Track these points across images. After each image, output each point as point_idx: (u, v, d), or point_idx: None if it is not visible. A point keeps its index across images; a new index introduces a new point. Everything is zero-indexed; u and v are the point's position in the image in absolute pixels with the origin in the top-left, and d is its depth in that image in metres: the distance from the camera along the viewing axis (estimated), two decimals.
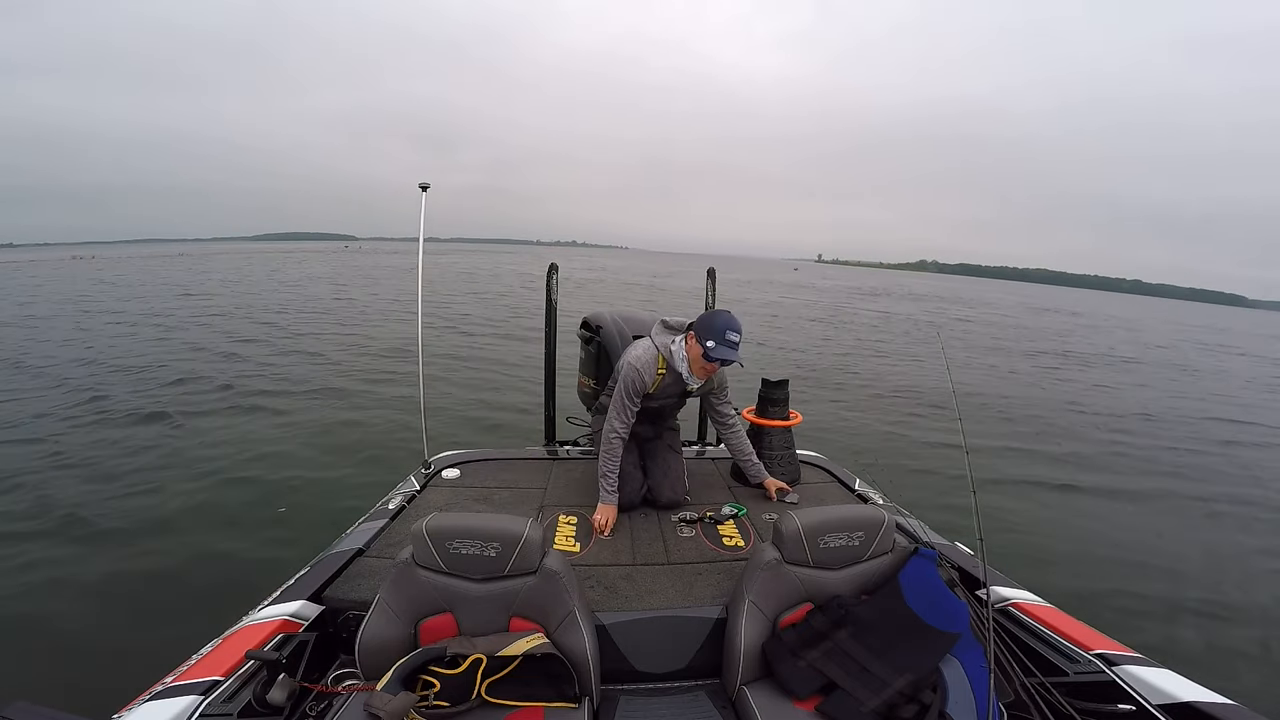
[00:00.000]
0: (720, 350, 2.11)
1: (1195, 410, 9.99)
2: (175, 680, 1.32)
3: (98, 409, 6.72)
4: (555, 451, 3.08)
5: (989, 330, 21.80)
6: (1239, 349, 24.36)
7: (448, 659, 1.44)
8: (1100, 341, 20.96)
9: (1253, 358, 21.01)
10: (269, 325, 13.36)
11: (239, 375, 8.51)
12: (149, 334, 11.93)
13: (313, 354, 10.28)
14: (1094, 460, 6.65)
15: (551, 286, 3.17)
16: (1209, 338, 29.88)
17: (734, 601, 1.64)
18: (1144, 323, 37.77)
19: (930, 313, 28.12)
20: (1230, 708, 1.27)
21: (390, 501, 2.40)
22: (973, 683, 1.47)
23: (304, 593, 1.70)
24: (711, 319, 2.16)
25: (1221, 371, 16.13)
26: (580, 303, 21.31)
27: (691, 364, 2.25)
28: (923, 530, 2.10)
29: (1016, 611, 1.70)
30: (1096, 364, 14.83)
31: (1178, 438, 8.01)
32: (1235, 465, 6.97)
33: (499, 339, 12.60)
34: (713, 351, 2.12)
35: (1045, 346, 17.58)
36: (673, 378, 2.33)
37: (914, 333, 18.59)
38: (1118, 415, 8.98)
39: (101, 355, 9.76)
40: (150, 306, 16.71)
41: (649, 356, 2.28)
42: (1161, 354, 19.20)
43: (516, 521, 1.55)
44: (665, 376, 2.31)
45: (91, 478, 4.83)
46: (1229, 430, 8.70)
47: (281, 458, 5.40)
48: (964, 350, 14.98)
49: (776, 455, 2.71)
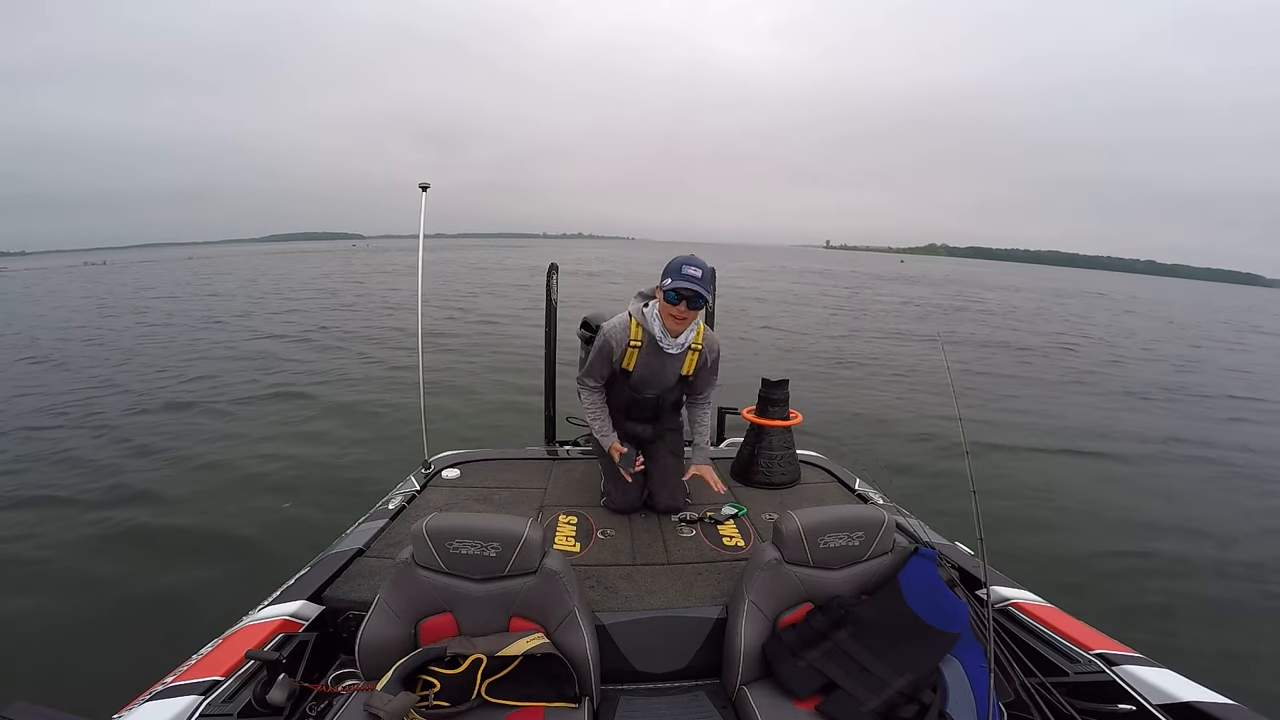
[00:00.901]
0: (679, 281, 1.98)
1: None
2: (175, 680, 1.32)
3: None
4: (555, 451, 3.08)
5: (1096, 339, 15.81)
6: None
7: (448, 659, 1.44)
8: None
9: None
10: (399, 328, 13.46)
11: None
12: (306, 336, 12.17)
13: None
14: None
15: (551, 286, 3.17)
16: (1255, 320, 28.21)
17: (734, 601, 1.64)
18: (1181, 307, 35.43)
19: (995, 301, 25.75)
20: (1230, 708, 1.27)
21: (390, 501, 2.41)
22: (973, 683, 1.47)
23: (304, 593, 1.70)
24: (669, 263, 2.06)
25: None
26: (594, 288, 20.89)
27: (662, 317, 2.11)
28: (923, 530, 2.10)
29: (1016, 611, 1.70)
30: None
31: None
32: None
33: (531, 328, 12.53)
34: (670, 286, 2.00)
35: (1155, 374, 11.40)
36: (651, 349, 2.19)
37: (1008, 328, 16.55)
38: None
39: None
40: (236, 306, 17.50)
41: (621, 322, 2.20)
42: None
43: (516, 521, 1.55)
44: (642, 346, 2.19)
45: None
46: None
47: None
48: (1098, 394, 9.28)
49: (776, 455, 2.71)
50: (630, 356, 2.21)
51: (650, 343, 2.19)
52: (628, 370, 2.24)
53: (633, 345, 2.19)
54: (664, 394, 2.34)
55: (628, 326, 2.20)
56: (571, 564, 1.67)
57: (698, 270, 2.01)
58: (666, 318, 2.10)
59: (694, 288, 1.99)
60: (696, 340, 2.24)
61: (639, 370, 2.24)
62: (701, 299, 2.03)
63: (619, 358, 2.21)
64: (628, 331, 2.19)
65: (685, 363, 2.26)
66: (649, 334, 2.17)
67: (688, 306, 2.04)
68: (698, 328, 2.23)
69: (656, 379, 2.28)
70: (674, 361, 2.24)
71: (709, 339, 2.27)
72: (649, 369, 2.24)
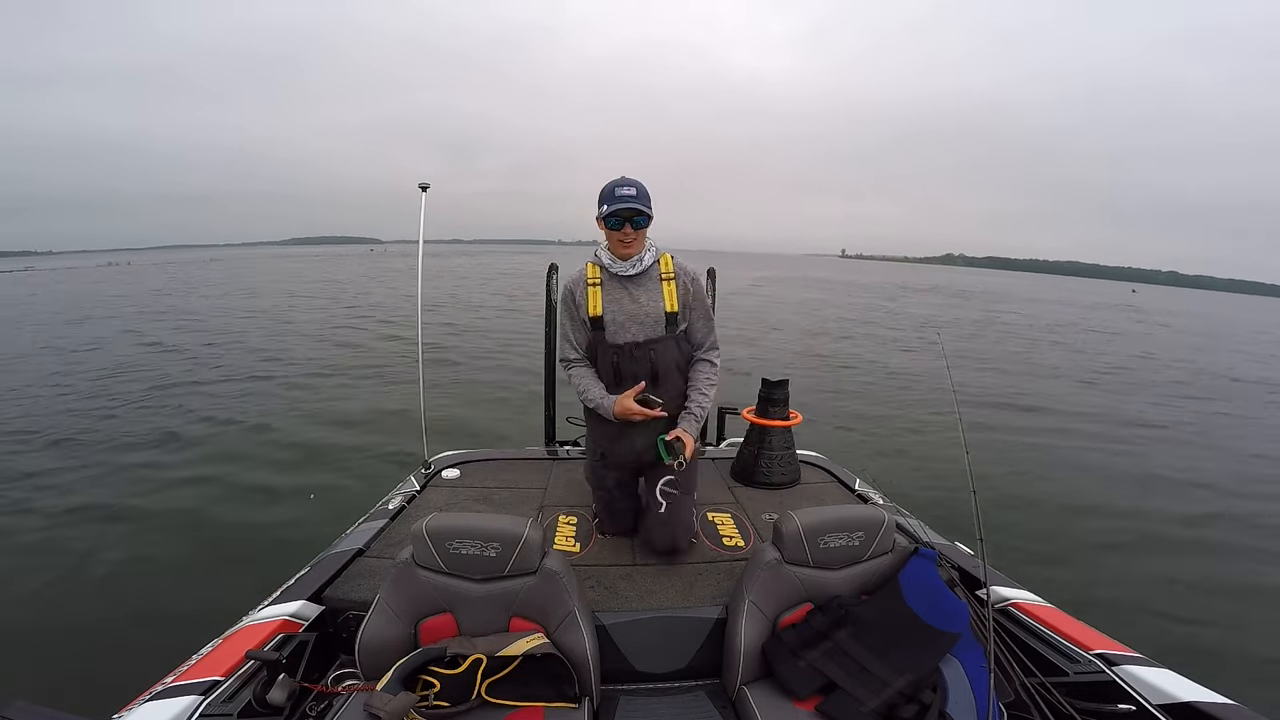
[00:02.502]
0: (615, 205, 1.85)
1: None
2: (175, 680, 1.32)
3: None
4: (555, 452, 3.08)
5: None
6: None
7: (448, 659, 1.44)
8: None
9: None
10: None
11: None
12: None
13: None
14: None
15: (551, 287, 3.18)
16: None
17: (734, 601, 1.64)
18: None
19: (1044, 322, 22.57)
20: (1230, 708, 1.27)
21: (390, 501, 2.41)
22: (973, 683, 1.47)
23: (304, 593, 1.70)
24: (600, 192, 1.92)
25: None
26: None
27: (609, 244, 1.96)
28: (923, 530, 2.10)
29: (1016, 611, 1.70)
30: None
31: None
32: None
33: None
34: (607, 212, 1.86)
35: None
36: (611, 281, 1.99)
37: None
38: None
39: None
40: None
41: (578, 270, 2.05)
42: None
43: (516, 522, 1.55)
44: (602, 282, 1.99)
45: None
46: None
47: None
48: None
49: (776, 455, 2.71)
50: (594, 299, 1.98)
51: (608, 277, 2.00)
52: (597, 318, 1.98)
53: (591, 283, 1.99)
54: (655, 344, 1.99)
55: (583, 270, 2.03)
56: (571, 564, 1.67)
57: (631, 189, 1.87)
58: (611, 242, 1.95)
59: (634, 205, 1.85)
60: (665, 268, 2.00)
61: (608, 311, 1.98)
62: (645, 216, 1.89)
63: (582, 301, 2.00)
64: (584, 272, 2.02)
65: (665, 296, 1.99)
66: (604, 267, 2.00)
67: (632, 228, 1.89)
68: (660, 255, 2.01)
69: (633, 319, 1.98)
70: (646, 293, 1.99)
71: (679, 264, 2.03)
72: (619, 307, 1.98)
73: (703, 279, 2.11)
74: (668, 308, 1.97)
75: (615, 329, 1.98)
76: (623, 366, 1.99)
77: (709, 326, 2.09)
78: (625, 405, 1.92)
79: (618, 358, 1.99)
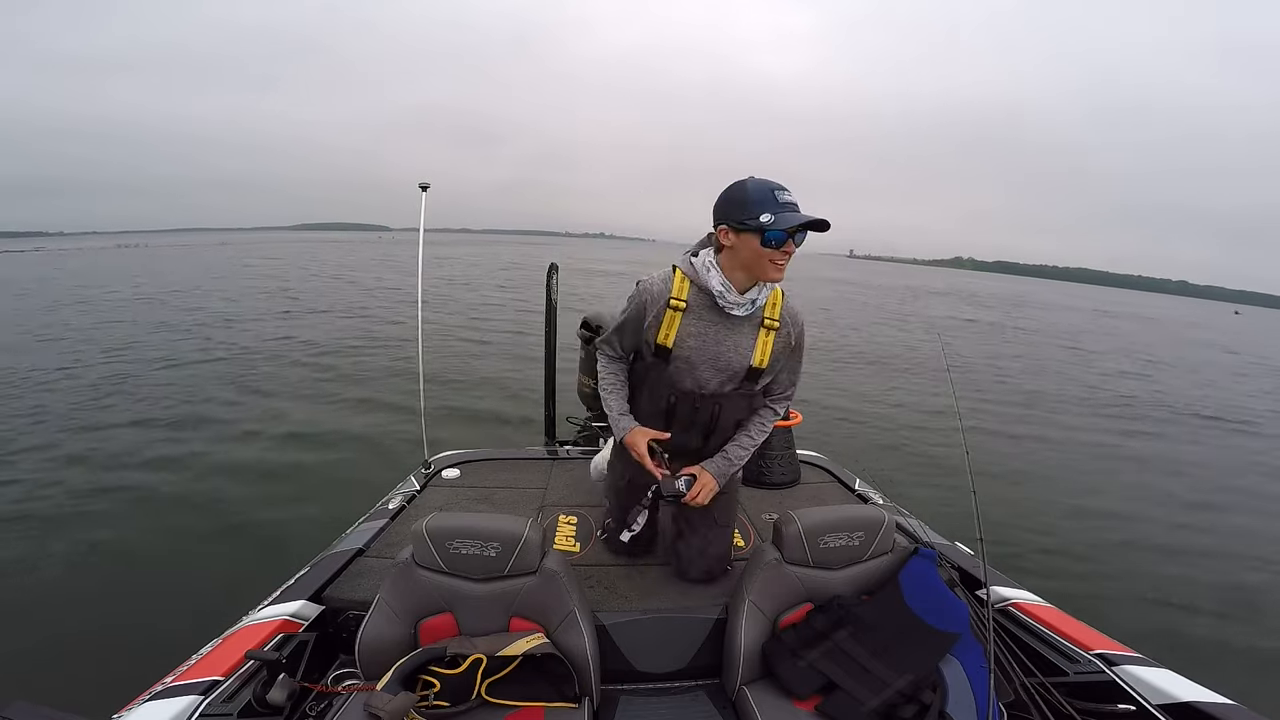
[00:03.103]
0: (784, 217, 1.33)
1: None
2: (175, 680, 1.32)
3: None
4: (555, 451, 3.08)
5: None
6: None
7: (448, 659, 1.44)
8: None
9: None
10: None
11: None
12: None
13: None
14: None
15: (551, 286, 3.18)
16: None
17: (734, 602, 1.64)
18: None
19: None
20: (1230, 708, 1.27)
21: (390, 501, 2.41)
22: (973, 683, 1.47)
23: (304, 593, 1.70)
24: (738, 190, 1.39)
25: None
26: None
27: (748, 264, 1.42)
28: (923, 530, 2.10)
29: (1016, 611, 1.70)
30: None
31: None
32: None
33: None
34: (774, 223, 1.33)
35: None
36: (705, 311, 1.52)
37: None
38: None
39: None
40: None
41: (661, 275, 1.56)
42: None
43: (516, 521, 1.55)
44: (689, 309, 1.51)
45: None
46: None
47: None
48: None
49: (776, 455, 2.71)
50: (670, 323, 1.51)
51: (703, 303, 1.51)
52: (665, 348, 1.53)
53: (674, 305, 1.50)
54: (725, 399, 1.60)
55: (668, 279, 1.54)
56: (571, 564, 1.67)
57: (790, 193, 1.37)
58: (757, 264, 1.41)
59: (808, 216, 1.36)
60: (772, 310, 1.55)
61: (683, 346, 1.52)
62: (824, 223, 1.38)
63: (651, 322, 1.53)
64: (668, 285, 1.52)
65: (758, 347, 1.54)
66: (702, 291, 1.51)
67: (794, 244, 1.40)
68: (772, 291, 1.53)
69: (711, 364, 1.54)
70: (740, 337, 1.54)
71: (789, 308, 1.57)
72: (701, 344, 1.52)
73: (806, 327, 1.65)
74: (755, 361, 1.55)
75: (684, 369, 1.56)
76: (679, 412, 1.61)
77: (794, 379, 1.71)
78: (635, 445, 1.60)
79: (675, 400, 1.59)
